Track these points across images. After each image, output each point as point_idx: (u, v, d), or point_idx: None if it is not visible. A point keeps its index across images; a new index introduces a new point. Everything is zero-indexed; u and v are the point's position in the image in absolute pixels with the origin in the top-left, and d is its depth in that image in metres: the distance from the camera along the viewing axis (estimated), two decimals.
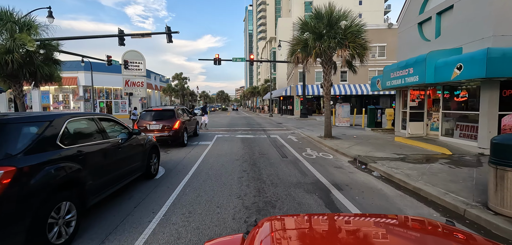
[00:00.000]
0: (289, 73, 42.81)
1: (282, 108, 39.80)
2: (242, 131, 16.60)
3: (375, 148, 9.57)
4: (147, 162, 5.76)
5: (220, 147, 10.50)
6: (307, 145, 11.01)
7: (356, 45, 10.83)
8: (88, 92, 37.33)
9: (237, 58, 26.07)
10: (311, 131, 15.82)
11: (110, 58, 25.72)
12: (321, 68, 11.94)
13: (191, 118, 12.49)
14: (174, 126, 9.75)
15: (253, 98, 74.01)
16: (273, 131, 16.29)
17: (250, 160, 8.09)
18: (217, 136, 13.94)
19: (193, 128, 12.74)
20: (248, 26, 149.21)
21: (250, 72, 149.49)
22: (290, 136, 13.83)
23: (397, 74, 10.70)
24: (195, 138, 12.93)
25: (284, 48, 49.95)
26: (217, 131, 16.36)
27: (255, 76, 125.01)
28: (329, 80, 12.41)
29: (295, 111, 33.00)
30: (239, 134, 14.63)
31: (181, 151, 9.57)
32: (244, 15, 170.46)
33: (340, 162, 7.95)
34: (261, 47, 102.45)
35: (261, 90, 58.38)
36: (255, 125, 21.32)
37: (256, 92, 66.01)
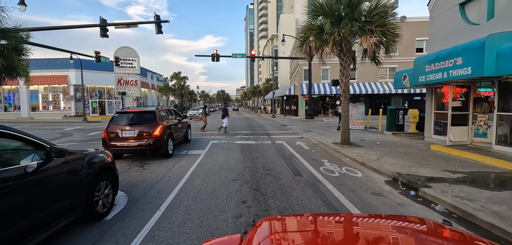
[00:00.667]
0: (293, 72, 40.64)
1: (285, 108, 37.59)
2: (242, 135, 14.44)
3: (413, 160, 7.39)
4: (88, 197, 3.61)
5: (214, 158, 8.34)
6: (323, 155, 8.83)
7: (386, 30, 8.64)
8: (79, 91, 35.25)
9: (237, 54, 23.95)
10: (322, 135, 13.63)
11: (99, 54, 23.62)
12: (327, 64, 10.05)
13: (181, 122, 10.33)
14: (154, 132, 7.59)
15: (254, 98, 71.81)
16: (277, 135, 14.12)
17: (251, 180, 5.92)
18: (212, 142, 11.78)
19: (183, 133, 10.58)
20: (249, 25, 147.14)
21: (251, 72, 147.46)
22: (299, 142, 11.65)
23: (437, 66, 8.50)
24: (185, 146, 10.77)
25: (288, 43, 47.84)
26: (214, 135, 14.21)
27: (256, 76, 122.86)
28: (348, 74, 10.25)
29: (299, 112, 30.81)
30: (239, 140, 12.46)
31: (163, 165, 7.41)
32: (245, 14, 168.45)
33: (375, 183, 5.78)
34: (262, 45, 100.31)
35: (263, 89, 56.21)
36: (257, 127, 19.15)
37: (258, 92, 63.82)
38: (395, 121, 13.86)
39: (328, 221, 1.68)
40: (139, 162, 7.78)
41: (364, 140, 11.58)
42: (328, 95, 30.43)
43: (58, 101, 35.02)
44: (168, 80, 53.53)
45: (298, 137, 13.57)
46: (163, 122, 8.14)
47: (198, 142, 11.66)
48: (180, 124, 10.17)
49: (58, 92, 34.86)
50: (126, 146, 7.36)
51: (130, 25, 14.22)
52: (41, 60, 34.48)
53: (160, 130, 7.73)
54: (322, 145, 10.95)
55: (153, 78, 49.35)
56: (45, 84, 33.71)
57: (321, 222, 1.68)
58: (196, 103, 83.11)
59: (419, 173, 6.16)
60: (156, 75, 52.76)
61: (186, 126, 11.03)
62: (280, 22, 60.25)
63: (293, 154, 8.97)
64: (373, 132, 14.39)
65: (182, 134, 10.40)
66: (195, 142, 11.65)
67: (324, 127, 18.33)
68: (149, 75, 47.33)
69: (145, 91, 45.73)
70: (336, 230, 1.56)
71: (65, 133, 17.39)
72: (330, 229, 1.55)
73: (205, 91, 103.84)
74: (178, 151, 9.54)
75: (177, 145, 10.66)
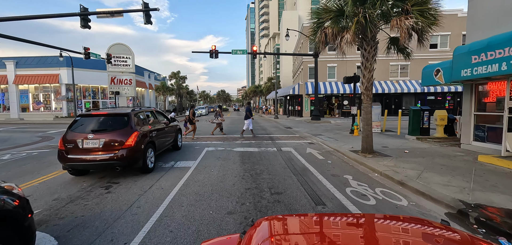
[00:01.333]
0: (296, 70, 38.80)
1: (288, 108, 35.71)
2: (243, 139, 12.63)
3: (468, 179, 5.55)
4: None
5: (206, 173, 6.53)
6: (344, 169, 7.00)
7: (425, 9, 6.80)
8: (71, 91, 33.53)
9: (237, 50, 22.15)
10: (334, 140, 11.80)
11: (88, 50, 21.84)
12: (334, 61, 8.62)
13: (168, 126, 8.53)
14: (127, 142, 5.79)
15: (256, 98, 69.95)
16: (283, 140, 12.29)
17: (255, 211, 4.12)
18: (207, 149, 9.97)
19: (171, 139, 8.76)
20: (250, 25, 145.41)
21: (252, 71, 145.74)
22: (309, 149, 9.83)
23: (490, 56, 6.65)
24: (173, 155, 8.97)
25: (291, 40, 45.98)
26: (209, 140, 12.39)
27: (257, 75, 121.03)
28: (371, 68, 8.43)
29: (304, 112, 28.94)
30: (238, 146, 10.65)
31: (137, 185, 5.60)
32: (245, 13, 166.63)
33: (432, 218, 3.92)
34: (263, 44, 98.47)
35: (264, 89, 54.38)
36: (259, 130, 17.32)
37: (259, 92, 61.99)
38: (419, 124, 12.00)
39: (328, 221, 1.67)
40: (107, 179, 5.97)
41: (387, 147, 9.74)
42: (334, 95, 28.56)
43: (49, 101, 33.30)
44: (166, 79, 51.78)
45: (307, 142, 11.74)
46: (140, 128, 6.33)
47: (190, 150, 9.86)
48: (167, 129, 8.35)
49: (49, 91, 33.13)
50: (89, 161, 5.55)
51: (114, 13, 12.43)
52: (31, 58, 32.79)
53: (135, 139, 5.91)
54: (339, 154, 9.11)
55: (150, 77, 47.60)
56: (35, 83, 32.00)
57: (320, 222, 1.66)
58: (195, 103, 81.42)
59: (493, 202, 4.33)
60: (154, 74, 51.00)
61: (175, 130, 9.21)
62: (282, 19, 58.43)
63: (306, 167, 7.14)
64: (392, 136, 12.54)
65: (169, 141, 8.59)
66: (186, 150, 9.84)
67: (333, 130, 16.49)
68: (146, 74, 45.59)
69: (142, 90, 43.99)
70: (336, 230, 1.54)
71: (46, 136, 15.63)
72: (330, 229, 1.54)
73: (205, 91, 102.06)
74: (162, 162, 7.72)
75: (164, 154, 8.85)
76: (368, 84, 8.36)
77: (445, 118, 11.55)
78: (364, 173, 6.69)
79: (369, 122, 8.53)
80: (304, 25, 27.73)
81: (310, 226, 1.61)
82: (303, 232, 1.55)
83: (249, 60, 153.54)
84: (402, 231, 1.46)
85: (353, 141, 11.30)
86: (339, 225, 1.61)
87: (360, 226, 1.58)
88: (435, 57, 26.70)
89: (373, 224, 1.61)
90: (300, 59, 31.65)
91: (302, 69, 29.50)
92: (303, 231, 1.56)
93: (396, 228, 1.50)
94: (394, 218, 1.65)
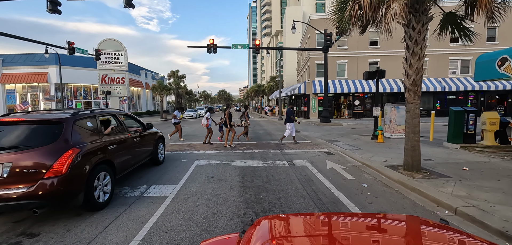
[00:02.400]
0: (301, 68, 36.48)
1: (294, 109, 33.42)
2: (244, 147, 10.40)
3: None
4: None
5: (186, 213, 4.29)
6: (392, 200, 4.72)
7: None
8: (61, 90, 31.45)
9: (239, 45, 19.93)
10: (357, 148, 9.52)
11: (72, 44, 19.68)
12: (344, 57, 6.79)
13: (142, 135, 6.27)
14: (55, 167, 3.53)
15: (258, 98, 67.64)
16: (294, 149, 10.04)
17: None
18: (197, 163, 7.73)
19: (143, 155, 6.43)
20: (251, 24, 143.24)
21: (253, 71, 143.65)
22: (331, 164, 7.55)
23: None
24: (149, 173, 6.73)
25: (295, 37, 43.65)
26: (203, 150, 10.16)
27: (259, 75, 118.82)
28: (422, 54, 6.14)
29: (311, 113, 26.61)
30: (238, 158, 8.40)
31: (67, 239, 3.36)
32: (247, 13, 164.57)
33: None
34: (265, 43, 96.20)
35: (267, 88, 52.11)
36: (263, 134, 15.07)
37: (261, 91, 59.70)
38: (462, 129, 9.69)
39: (328, 220, 1.68)
40: (21, 228, 3.72)
41: (431, 160, 7.47)
42: (344, 94, 26.19)
43: (37, 101, 31.24)
44: (165, 79, 49.66)
45: (324, 152, 9.45)
46: (85, 143, 4.09)
47: (175, 164, 7.61)
48: (140, 139, 6.09)
49: (38, 91, 31.08)
50: None
51: None
52: (18, 55, 30.76)
53: (69, 161, 3.66)
54: (371, 170, 6.83)
55: (147, 76, 45.51)
56: (23, 82, 29.95)
57: (320, 221, 1.67)
58: (195, 103, 79.36)
59: None
60: (151, 73, 48.93)
61: (153, 140, 6.93)
62: (286, 15, 56.15)
63: (336, 197, 4.86)
64: (427, 143, 10.23)
65: (143, 156, 6.33)
66: (170, 164, 7.59)
67: (349, 134, 14.18)
68: (143, 73, 43.49)
69: (138, 90, 41.90)
70: (336, 229, 1.54)
71: None
72: (330, 229, 1.54)
73: (206, 91, 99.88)
74: (129, 187, 5.47)
75: (136, 172, 6.60)
76: (417, 76, 6.06)
77: (497, 122, 9.23)
78: (424, 207, 4.42)
79: (416, 130, 6.23)
80: (312, 18, 25.43)
81: (310, 225, 1.60)
82: (303, 231, 1.54)
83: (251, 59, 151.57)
84: (402, 230, 1.46)
85: (380, 151, 9.02)
86: (340, 225, 1.60)
87: (360, 225, 1.55)
88: (456, 52, 24.32)
89: (374, 224, 1.56)
90: (306, 56, 29.35)
91: (309, 66, 27.18)
92: (303, 230, 1.55)
93: (397, 227, 1.50)
94: (395, 218, 1.66)
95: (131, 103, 39.10)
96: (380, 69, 11.73)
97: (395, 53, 24.32)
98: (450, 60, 24.42)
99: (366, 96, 25.83)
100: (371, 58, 25.24)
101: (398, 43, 7.23)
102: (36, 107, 31.17)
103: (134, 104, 40.74)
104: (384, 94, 25.44)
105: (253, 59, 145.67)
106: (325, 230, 1.51)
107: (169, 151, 9.76)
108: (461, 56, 24.16)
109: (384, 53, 24.83)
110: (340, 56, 25.44)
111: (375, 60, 25.16)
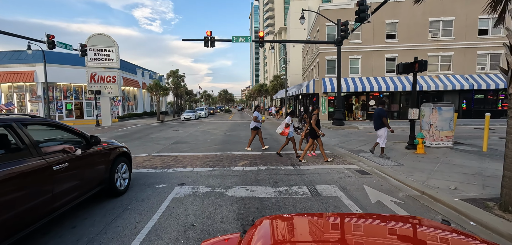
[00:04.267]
0: (307, 66, 33.98)
1: (300, 110, 30.87)
2: (246, 161, 7.95)
3: None
4: None
5: None
6: None
7: None
8: (50, 90, 29.27)
9: (240, 37, 17.56)
10: (397, 163, 7.04)
11: (52, 38, 17.41)
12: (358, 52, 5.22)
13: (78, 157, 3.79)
14: None
15: (260, 98, 65.16)
16: (313, 165, 7.58)
17: None
18: (177, 191, 5.29)
19: (84, 187, 3.95)
20: (253, 23, 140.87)
21: (256, 70, 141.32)
22: (375, 194, 5.07)
23: None
24: (91, 217, 4.31)
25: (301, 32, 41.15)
26: (191, 166, 7.73)
27: (261, 75, 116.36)
28: None
29: (320, 115, 24.08)
30: (238, 183, 5.93)
31: None
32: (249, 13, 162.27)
33: None
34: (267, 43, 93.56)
35: (270, 88, 49.62)
36: (270, 142, 12.62)
37: (264, 91, 57.24)
38: None
39: (329, 221, 1.67)
40: None
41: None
42: (358, 93, 23.59)
43: (24, 102, 29.08)
44: (164, 78, 47.40)
45: (355, 169, 6.97)
46: None
47: (143, 194, 5.17)
48: (71, 164, 3.63)
49: (24, 91, 28.92)
50: None
51: None
52: (3, 52, 28.63)
53: None
54: (443, 207, 4.37)
55: (145, 75, 43.30)
56: (8, 81, 27.77)
57: (321, 221, 1.66)
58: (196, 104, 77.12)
59: None
60: (149, 72, 46.73)
61: (104, 162, 4.46)
62: (290, 10, 53.71)
63: None
64: (481, 156, 7.68)
65: (84, 188, 3.91)
66: (135, 194, 5.15)
67: (373, 140, 11.68)
68: (140, 72, 41.28)
69: (134, 90, 39.67)
70: (336, 229, 1.52)
71: None
72: (331, 228, 1.52)
73: (207, 91, 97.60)
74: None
75: (70, 215, 4.17)
76: None
77: None
78: None
79: None
80: (322, 8, 22.92)
81: (311, 225, 1.58)
82: (305, 231, 1.53)
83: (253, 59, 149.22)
84: (404, 231, 1.45)
85: (430, 167, 6.55)
86: (340, 225, 1.58)
87: (362, 226, 1.53)
88: (485, 46, 21.66)
89: (374, 224, 1.56)
90: (315, 51, 26.84)
91: (318, 62, 24.65)
92: (305, 230, 1.54)
93: (398, 228, 1.49)
94: (396, 218, 1.65)
95: (126, 104, 36.85)
96: (421, 60, 9.23)
97: (415, 47, 21.75)
98: (478, 54, 21.73)
99: (381, 95, 23.24)
100: (388, 52, 22.66)
101: (418, 36, 5.06)
102: (23, 109, 29.03)
103: (131, 105, 38.50)
104: (402, 93, 22.82)
105: (256, 58, 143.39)
106: (327, 231, 1.49)
107: (144, 168, 7.35)
108: (491, 50, 21.48)
109: (403, 48, 22.24)
110: (353, 51, 22.90)
111: (392, 55, 22.57)
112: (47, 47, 17.38)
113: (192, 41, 18.20)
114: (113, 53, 24.85)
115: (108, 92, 25.21)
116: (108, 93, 25.26)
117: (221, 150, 10.00)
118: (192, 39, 18.03)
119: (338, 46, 17.64)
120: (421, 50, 21.32)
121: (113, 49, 24.73)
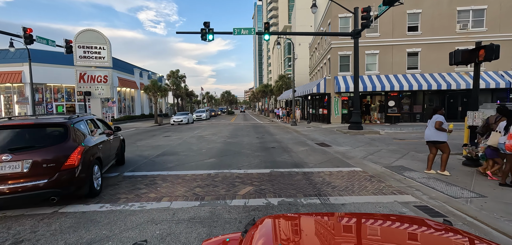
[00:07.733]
0: (316, 64, 31.56)
1: (309, 112, 28.41)
2: (247, 193, 5.63)
3: None
4: None
5: None
6: None
7: None
8: (39, 91, 27.32)
9: (242, 29, 15.34)
10: (478, 195, 4.64)
11: (30, 32, 15.36)
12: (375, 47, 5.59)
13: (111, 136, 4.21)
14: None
15: (264, 99, 62.79)
16: (343, 193, 5.23)
17: None
18: None
19: None
20: (257, 23, 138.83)
21: (259, 71, 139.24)
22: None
23: None
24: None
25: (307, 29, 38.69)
26: (167, 199, 5.44)
27: (265, 75, 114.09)
28: None
29: (332, 118, 21.62)
30: (236, 219, 3.58)
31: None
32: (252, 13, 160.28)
33: None
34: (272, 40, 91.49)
35: (275, 88, 47.21)
36: (278, 152, 10.30)
37: (268, 92, 54.87)
38: None
39: (330, 220, 1.66)
40: None
41: None
42: (376, 92, 21.11)
43: (11, 104, 27.19)
44: (164, 79, 45.41)
45: (417, 206, 4.60)
46: None
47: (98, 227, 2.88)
48: None
49: (11, 93, 27.03)
50: None
51: None
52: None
53: None
54: None
55: (143, 76, 41.33)
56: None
57: (322, 221, 1.64)
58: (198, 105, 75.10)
59: None
60: (148, 73, 44.77)
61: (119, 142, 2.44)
62: (295, 6, 51.43)
63: None
64: None
65: None
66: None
67: (408, 150, 9.29)
68: (137, 73, 39.31)
69: (131, 91, 37.67)
70: (337, 229, 1.51)
71: None
72: (333, 228, 1.51)
73: (209, 92, 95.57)
74: None
75: None
76: None
77: None
78: None
79: None
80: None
81: (313, 225, 1.57)
82: (306, 230, 1.51)
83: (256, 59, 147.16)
84: (404, 231, 1.43)
85: None
86: (342, 224, 1.57)
87: (361, 225, 1.52)
88: None
89: (375, 224, 1.54)
90: (325, 47, 24.46)
91: (329, 59, 22.22)
92: (306, 229, 1.53)
93: (399, 228, 1.47)
94: (397, 218, 1.64)
95: (122, 106, 34.82)
96: (491, 44, 6.86)
97: (441, 40, 19.25)
98: None
99: (401, 95, 20.75)
100: (410, 47, 20.18)
101: (444, 27, 3.03)
102: (11, 111, 27.14)
103: (127, 107, 36.48)
104: (427, 92, 20.28)
105: (259, 59, 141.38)
106: (328, 230, 1.48)
107: (98, 203, 5.06)
108: None
109: (427, 41, 19.75)
110: (370, 45, 20.45)
111: (415, 50, 20.09)
112: (24, 43, 15.33)
113: (186, 33, 16.18)
114: (104, 51, 22.76)
115: (99, 94, 23.12)
116: (99, 94, 23.16)
117: (217, 166, 7.68)
118: (187, 32, 15.96)
119: (356, 39, 15.27)
120: (448, 43, 18.80)
121: (104, 46, 22.64)
